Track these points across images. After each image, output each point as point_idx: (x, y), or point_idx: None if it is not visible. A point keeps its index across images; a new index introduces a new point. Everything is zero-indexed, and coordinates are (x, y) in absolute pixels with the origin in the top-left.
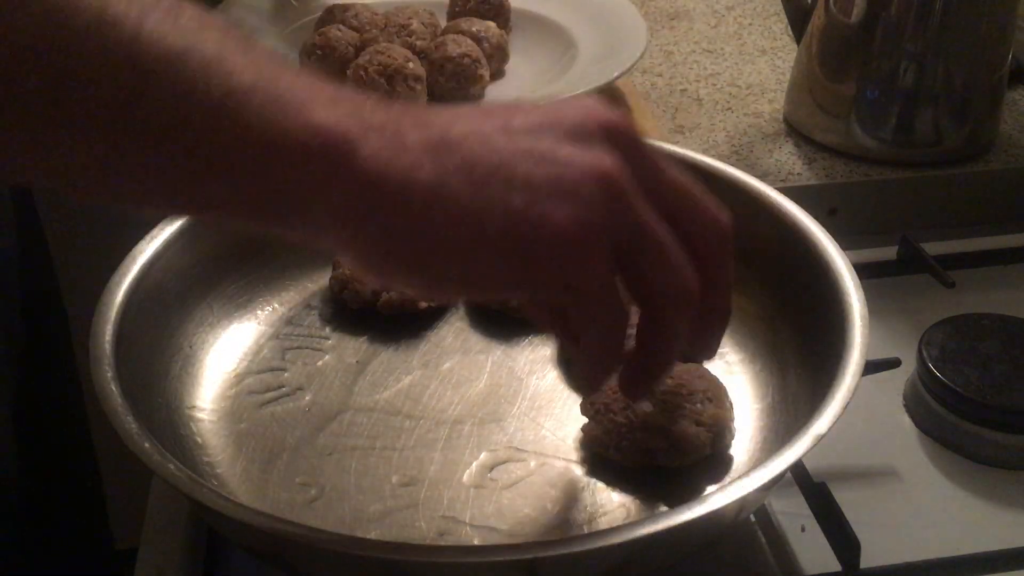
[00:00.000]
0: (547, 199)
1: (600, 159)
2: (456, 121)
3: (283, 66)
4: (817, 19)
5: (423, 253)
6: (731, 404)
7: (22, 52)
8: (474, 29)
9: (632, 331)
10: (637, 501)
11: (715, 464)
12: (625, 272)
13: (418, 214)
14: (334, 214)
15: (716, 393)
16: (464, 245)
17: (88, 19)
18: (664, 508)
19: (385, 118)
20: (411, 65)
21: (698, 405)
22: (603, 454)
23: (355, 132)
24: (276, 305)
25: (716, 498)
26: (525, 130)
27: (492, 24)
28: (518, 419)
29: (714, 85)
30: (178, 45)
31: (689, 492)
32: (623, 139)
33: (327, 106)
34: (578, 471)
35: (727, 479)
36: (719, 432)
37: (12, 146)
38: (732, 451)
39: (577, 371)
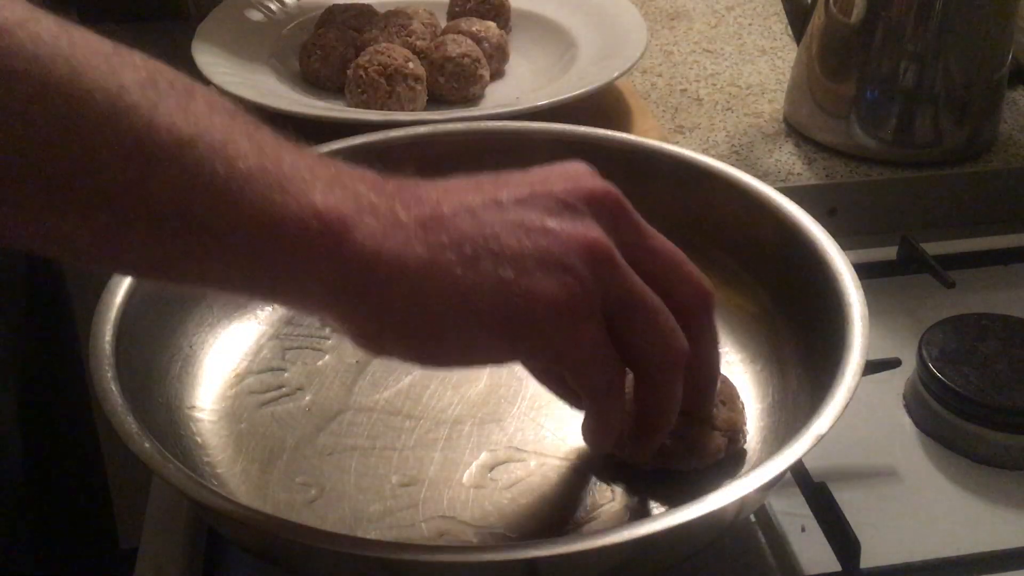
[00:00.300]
0: (536, 271)
1: (587, 229)
2: (446, 197)
3: (286, 148)
4: (817, 19)
5: (416, 328)
6: (743, 406)
7: (37, 143)
8: (474, 29)
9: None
10: (638, 501)
11: (723, 466)
12: (616, 338)
13: (411, 290)
14: (331, 292)
15: (729, 396)
16: (457, 319)
17: (104, 109)
18: (665, 508)
19: (379, 199)
20: (411, 65)
21: (713, 409)
22: (618, 457)
23: (351, 214)
24: (276, 305)
25: (716, 498)
26: (513, 202)
27: (492, 24)
28: (518, 419)
29: (714, 85)
30: (187, 132)
31: (691, 493)
32: (608, 208)
33: (326, 189)
34: (578, 471)
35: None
36: (733, 436)
37: (14, 221)
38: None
39: (584, 431)
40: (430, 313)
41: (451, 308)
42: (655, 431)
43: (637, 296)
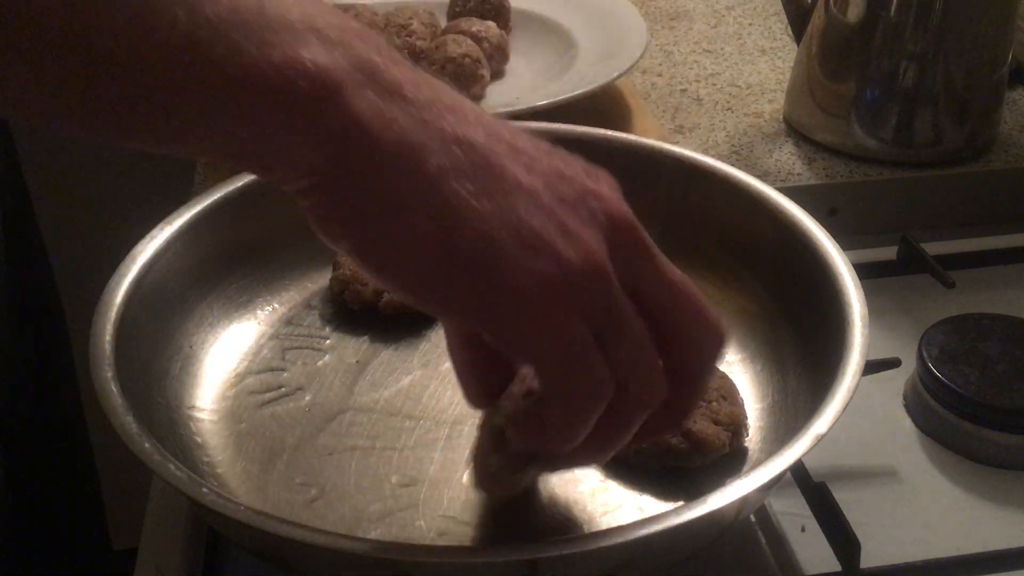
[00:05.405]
0: (529, 247)
1: (597, 246)
2: (480, 125)
3: None
4: (817, 19)
5: (382, 232)
6: (742, 400)
7: None
8: (474, 29)
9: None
10: (639, 501)
11: (725, 466)
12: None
13: (402, 190)
14: (312, 157)
15: (729, 391)
16: (432, 246)
17: None
18: (667, 507)
19: (399, 73)
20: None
21: (714, 404)
22: (622, 459)
23: (352, 78)
24: (276, 305)
25: (716, 498)
26: (542, 173)
27: (492, 24)
28: None
29: (714, 85)
30: None
31: (692, 493)
32: (625, 239)
33: (322, 45)
34: (578, 471)
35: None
36: (736, 430)
37: None
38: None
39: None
40: (407, 227)
41: (427, 232)
42: (588, 457)
43: (626, 324)
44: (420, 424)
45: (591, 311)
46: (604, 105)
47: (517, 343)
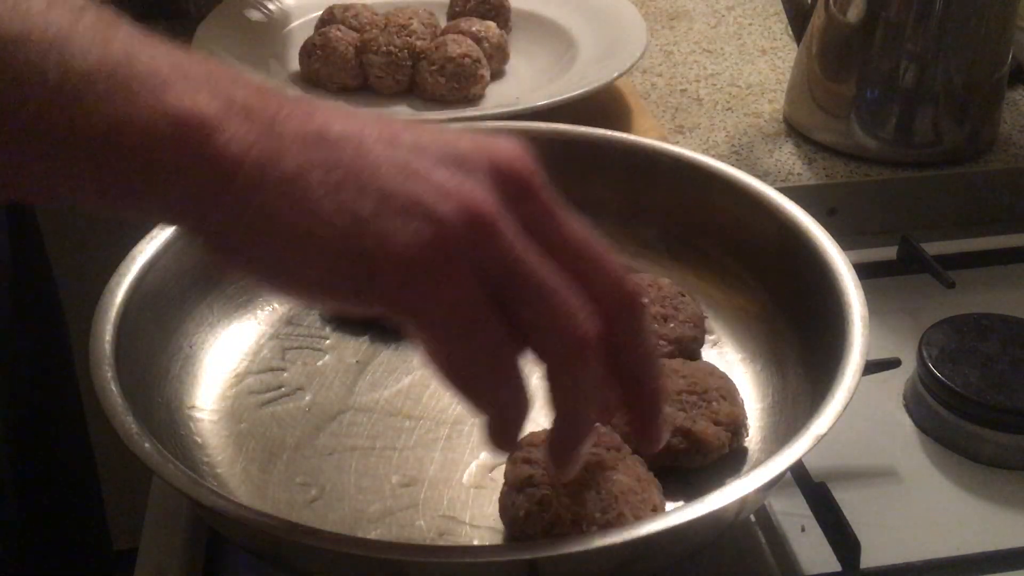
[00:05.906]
0: (399, 215)
1: (473, 189)
2: (342, 120)
3: (145, 46)
4: (817, 19)
5: (264, 248)
6: (742, 400)
7: None
8: (474, 29)
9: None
10: None
11: (724, 465)
12: (511, 319)
13: (264, 204)
14: (183, 199)
15: (729, 391)
16: (301, 246)
17: None
18: (667, 507)
19: (260, 105)
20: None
21: (714, 404)
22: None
23: (215, 115)
24: (276, 305)
25: (716, 498)
26: (409, 145)
27: (492, 24)
28: None
29: (714, 85)
30: (14, 30)
31: (692, 493)
32: (516, 182)
33: (188, 88)
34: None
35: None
36: (736, 430)
37: None
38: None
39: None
40: (277, 234)
41: (296, 233)
42: (568, 439)
43: (522, 265)
44: (420, 424)
45: (483, 264)
46: (604, 105)
47: (406, 311)
